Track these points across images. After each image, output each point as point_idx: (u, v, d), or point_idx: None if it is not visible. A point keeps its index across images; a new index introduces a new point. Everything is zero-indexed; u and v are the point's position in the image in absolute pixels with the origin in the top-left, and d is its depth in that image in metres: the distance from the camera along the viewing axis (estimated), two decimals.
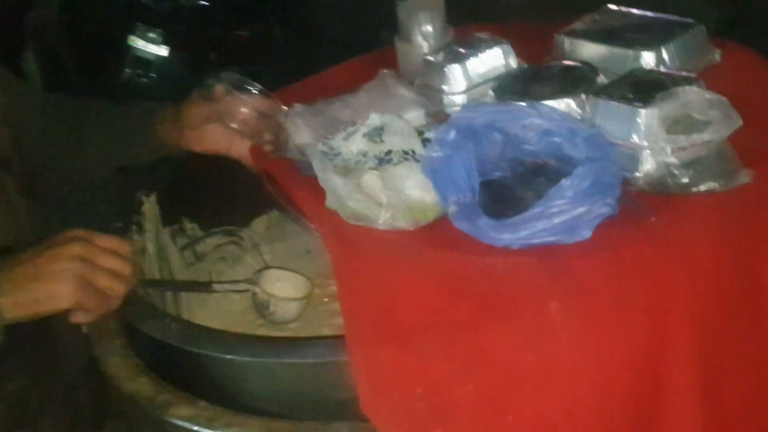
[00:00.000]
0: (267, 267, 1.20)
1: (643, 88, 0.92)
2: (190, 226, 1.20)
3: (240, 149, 1.08)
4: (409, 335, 0.78)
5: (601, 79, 1.04)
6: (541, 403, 0.76)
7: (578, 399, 0.76)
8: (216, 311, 1.24)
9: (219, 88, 1.03)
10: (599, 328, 0.76)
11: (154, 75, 1.02)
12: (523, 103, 0.94)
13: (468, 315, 0.76)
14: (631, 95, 0.91)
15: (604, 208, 0.77)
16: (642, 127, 0.87)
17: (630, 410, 0.78)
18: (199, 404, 0.85)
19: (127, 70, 1.02)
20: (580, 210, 0.76)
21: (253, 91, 1.03)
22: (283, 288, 1.10)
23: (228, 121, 1.02)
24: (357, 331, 0.80)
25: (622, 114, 0.89)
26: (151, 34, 1.04)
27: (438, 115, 1.16)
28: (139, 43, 1.06)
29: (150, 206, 1.16)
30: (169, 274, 1.15)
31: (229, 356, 0.85)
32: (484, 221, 0.78)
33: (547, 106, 0.91)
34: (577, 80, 1.03)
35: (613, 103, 0.89)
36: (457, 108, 1.15)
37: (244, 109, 1.01)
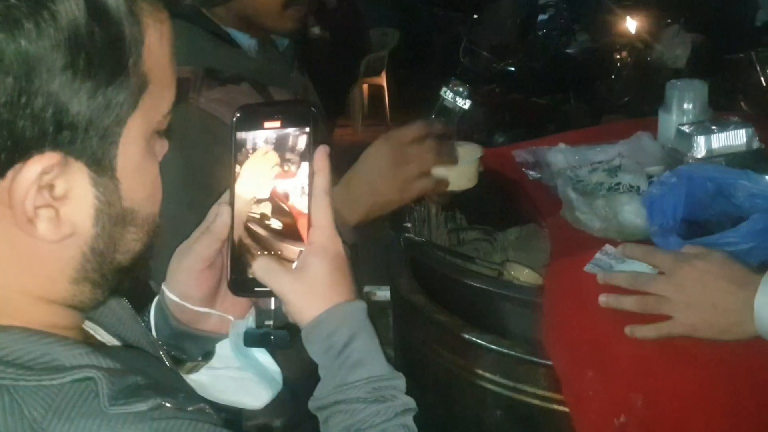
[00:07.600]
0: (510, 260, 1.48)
1: None
2: (460, 217, 1.56)
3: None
4: (610, 362, 0.96)
5: None
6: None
7: None
8: None
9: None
10: None
11: (453, 124, 1.28)
12: (738, 170, 1.15)
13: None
14: None
15: None
16: None
17: None
18: None
19: (432, 115, 1.27)
20: (748, 245, 0.97)
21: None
22: (528, 276, 1.36)
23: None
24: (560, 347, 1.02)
25: None
26: (460, 89, 1.26)
27: None
28: (448, 95, 1.27)
29: None
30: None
31: None
32: (674, 239, 1.02)
33: (759, 176, 1.11)
34: None
35: None
36: None
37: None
